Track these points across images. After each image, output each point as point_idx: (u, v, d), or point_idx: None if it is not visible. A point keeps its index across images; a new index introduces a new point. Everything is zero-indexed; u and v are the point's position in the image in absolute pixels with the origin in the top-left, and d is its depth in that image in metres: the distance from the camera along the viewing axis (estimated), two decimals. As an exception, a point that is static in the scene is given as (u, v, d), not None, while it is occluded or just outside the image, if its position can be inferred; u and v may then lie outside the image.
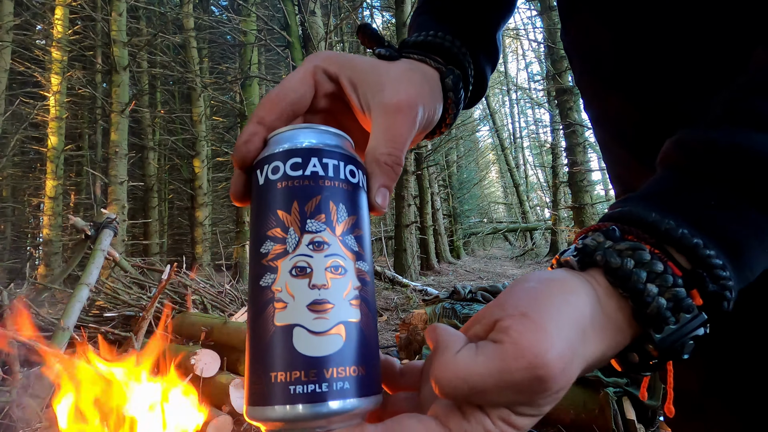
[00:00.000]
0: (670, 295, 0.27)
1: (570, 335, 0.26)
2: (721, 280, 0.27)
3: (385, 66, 0.41)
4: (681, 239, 0.27)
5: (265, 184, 0.31)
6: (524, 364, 0.24)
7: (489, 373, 0.25)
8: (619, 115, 0.49)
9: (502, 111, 25.60)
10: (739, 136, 0.29)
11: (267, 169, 0.32)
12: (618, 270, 0.27)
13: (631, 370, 0.30)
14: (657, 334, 0.27)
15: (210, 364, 2.13)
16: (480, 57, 0.50)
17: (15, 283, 4.10)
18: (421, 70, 0.42)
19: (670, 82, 0.43)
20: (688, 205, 0.29)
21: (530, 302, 0.26)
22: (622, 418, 1.72)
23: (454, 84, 0.43)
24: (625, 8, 0.44)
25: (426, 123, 0.40)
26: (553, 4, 8.71)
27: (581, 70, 0.53)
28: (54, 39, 8.56)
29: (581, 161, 7.77)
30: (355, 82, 0.39)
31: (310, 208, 0.30)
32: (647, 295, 0.27)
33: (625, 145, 0.49)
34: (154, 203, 10.67)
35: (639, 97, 0.46)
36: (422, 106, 0.39)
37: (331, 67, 0.39)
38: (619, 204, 0.32)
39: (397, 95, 0.37)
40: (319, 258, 0.29)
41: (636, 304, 0.27)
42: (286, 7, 6.61)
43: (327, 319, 0.28)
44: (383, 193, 0.35)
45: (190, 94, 9.98)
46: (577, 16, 0.50)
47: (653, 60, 0.43)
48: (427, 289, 5.50)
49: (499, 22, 0.54)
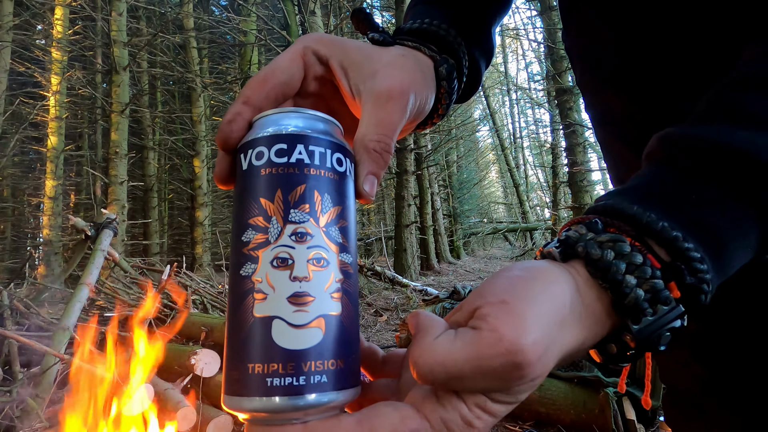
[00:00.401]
0: (648, 287, 0.27)
1: (548, 323, 0.26)
2: (699, 273, 0.27)
3: (377, 51, 0.40)
4: (661, 232, 0.28)
5: (248, 169, 0.30)
6: (501, 350, 0.24)
7: (466, 358, 0.25)
8: (620, 116, 0.49)
9: (502, 111, 25.61)
10: (720, 132, 0.29)
11: (251, 154, 0.31)
12: (598, 261, 0.28)
13: (610, 360, 0.30)
14: (635, 325, 0.27)
15: (210, 364, 2.13)
16: (475, 50, 0.49)
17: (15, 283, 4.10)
18: (415, 57, 0.41)
19: (671, 82, 0.43)
20: (670, 198, 0.29)
21: (510, 290, 0.27)
22: (622, 418, 1.72)
23: (448, 73, 0.42)
24: (626, 8, 0.44)
25: (417, 111, 0.39)
26: (553, 4, 8.70)
27: (582, 71, 0.53)
28: (54, 39, 8.56)
29: (581, 161, 7.76)
30: (346, 66, 0.38)
31: (294, 197, 0.29)
32: (626, 286, 0.27)
33: (626, 145, 0.49)
34: (154, 203, 10.67)
35: (640, 97, 0.46)
36: (414, 93, 0.38)
37: (322, 49, 0.38)
38: (604, 197, 0.32)
39: (388, 81, 0.37)
40: (301, 249, 0.28)
41: (615, 295, 0.27)
42: (286, 7, 6.61)
43: (307, 312, 0.27)
44: (371, 180, 0.34)
45: (190, 94, 9.98)
46: (578, 16, 0.50)
47: (654, 60, 0.43)
48: (427, 289, 5.50)
49: (496, 16, 0.53)
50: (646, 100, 0.45)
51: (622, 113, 0.48)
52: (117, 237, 3.59)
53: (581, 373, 1.90)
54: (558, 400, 1.88)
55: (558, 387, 1.91)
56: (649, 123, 0.45)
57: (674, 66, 0.42)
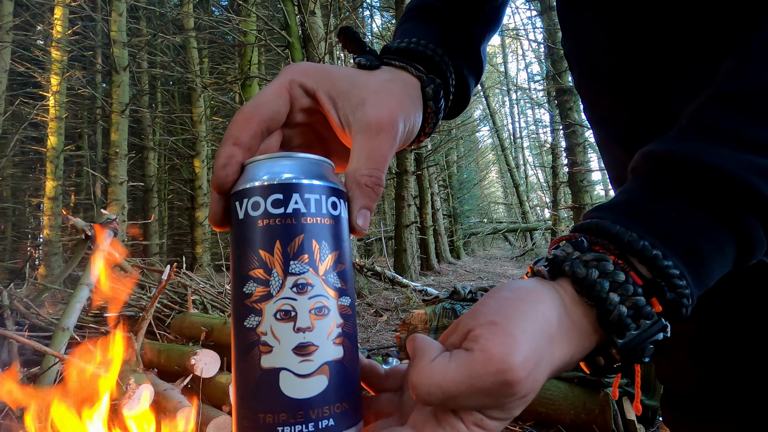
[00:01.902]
0: (631, 303, 0.29)
1: (536, 341, 0.27)
2: (678, 289, 0.29)
3: (364, 77, 0.40)
4: (642, 250, 0.29)
5: (245, 219, 0.31)
6: (492, 369, 0.26)
7: (461, 379, 0.26)
8: (616, 117, 0.49)
9: (502, 111, 25.62)
10: (698, 150, 0.31)
11: (247, 204, 0.31)
12: (583, 280, 0.29)
13: (598, 372, 0.32)
14: (619, 339, 0.29)
15: (210, 364, 2.13)
16: (463, 68, 0.49)
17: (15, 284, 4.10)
18: (402, 79, 0.42)
19: (665, 85, 0.43)
20: (651, 216, 0.31)
21: (499, 311, 0.28)
22: (622, 419, 1.72)
23: (435, 93, 0.43)
24: (623, 12, 0.45)
25: (406, 137, 0.40)
26: (553, 4, 8.71)
27: (580, 74, 0.53)
28: (54, 39, 8.56)
29: (581, 161, 7.76)
30: (334, 97, 0.38)
31: (293, 248, 0.29)
32: (609, 303, 0.29)
33: (623, 146, 0.49)
34: (154, 203, 10.67)
35: (635, 100, 0.46)
36: (403, 119, 0.38)
37: (309, 82, 0.38)
38: (591, 213, 0.34)
39: (377, 111, 0.37)
40: (303, 300, 0.29)
41: (600, 312, 0.29)
42: (286, 8, 6.60)
43: (312, 362, 0.28)
44: (364, 215, 0.35)
45: (190, 95, 9.98)
46: (577, 20, 0.51)
47: (647, 61, 0.44)
48: (427, 289, 5.50)
49: (484, 34, 0.53)
50: (641, 103, 0.46)
51: (619, 114, 0.49)
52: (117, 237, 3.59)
53: (581, 373, 1.90)
54: (558, 400, 1.88)
55: (558, 387, 1.91)
56: (644, 124, 0.45)
57: (669, 69, 0.43)
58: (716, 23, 0.39)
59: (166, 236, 11.76)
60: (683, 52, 0.41)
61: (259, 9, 7.91)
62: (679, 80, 0.42)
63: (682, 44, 0.41)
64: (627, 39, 0.45)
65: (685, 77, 0.42)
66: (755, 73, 0.32)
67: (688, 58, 0.41)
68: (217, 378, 2.12)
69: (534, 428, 1.88)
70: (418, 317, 2.91)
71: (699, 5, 0.40)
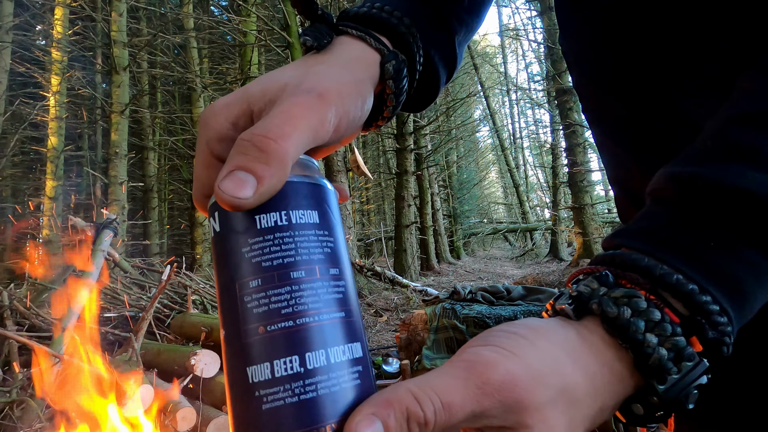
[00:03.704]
0: (671, 345, 0.26)
1: (553, 364, 0.26)
2: (720, 326, 0.26)
3: (290, 81, 0.31)
4: (676, 285, 0.27)
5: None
6: (496, 378, 0.24)
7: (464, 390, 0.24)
8: (615, 117, 0.49)
9: (502, 111, 25.63)
10: (734, 174, 0.28)
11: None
12: (615, 320, 0.27)
13: (635, 421, 0.29)
14: (660, 386, 0.26)
15: (210, 365, 2.13)
16: (432, 50, 0.41)
17: (15, 284, 4.10)
18: (350, 54, 0.35)
19: (666, 85, 0.43)
20: (683, 245, 0.28)
21: (506, 340, 0.26)
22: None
23: (396, 71, 0.36)
24: (625, 11, 0.45)
25: (343, 124, 0.32)
26: (552, 5, 8.69)
27: (579, 73, 0.53)
28: (54, 39, 8.56)
29: (581, 162, 7.77)
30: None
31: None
32: (647, 346, 0.26)
33: (622, 145, 0.49)
34: (154, 203, 10.67)
35: (635, 99, 0.46)
36: (334, 107, 0.30)
37: (219, 147, 0.31)
38: (613, 241, 0.31)
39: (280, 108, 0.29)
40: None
41: (636, 355, 0.26)
42: (285, 8, 6.61)
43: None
44: (232, 177, 0.25)
45: (190, 95, 9.99)
46: (575, 18, 0.51)
47: (649, 59, 0.44)
48: (427, 289, 5.50)
49: (461, 24, 0.46)
50: (642, 102, 0.45)
51: (618, 115, 0.49)
52: (117, 237, 3.60)
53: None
54: (558, 400, 1.88)
55: (558, 387, 1.91)
56: (643, 123, 0.46)
57: (669, 69, 0.43)
58: (727, 23, 0.39)
59: (166, 236, 11.76)
60: (690, 51, 0.41)
61: (259, 9, 7.91)
62: (686, 80, 0.42)
63: (690, 44, 0.41)
64: (628, 38, 0.45)
65: (691, 77, 0.41)
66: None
67: (696, 57, 0.41)
68: (217, 378, 2.12)
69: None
70: (418, 317, 2.91)
71: (709, 5, 0.39)
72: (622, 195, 0.52)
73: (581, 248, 7.60)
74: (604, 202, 11.43)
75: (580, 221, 7.68)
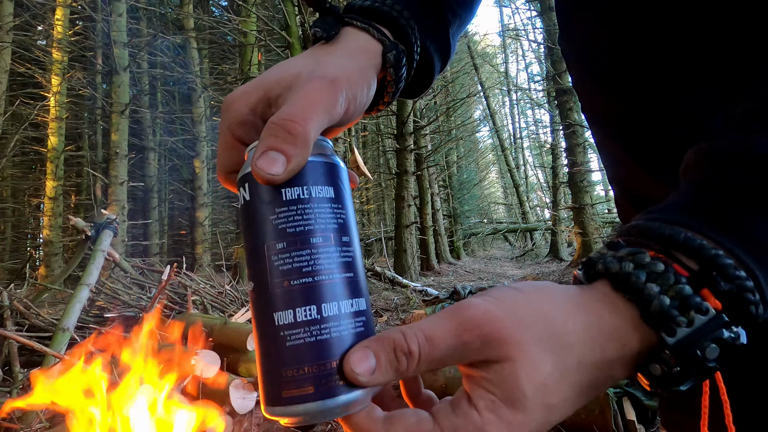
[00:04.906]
0: (674, 293, 0.26)
1: (540, 315, 0.27)
2: (737, 280, 0.25)
3: (298, 67, 0.35)
4: (685, 242, 0.26)
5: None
6: (478, 318, 0.27)
7: (447, 327, 0.27)
8: (615, 116, 0.49)
9: (502, 111, 25.65)
10: (753, 142, 0.28)
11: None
12: (618, 274, 0.27)
13: (657, 383, 0.28)
14: (670, 338, 0.26)
15: (210, 365, 2.13)
16: (427, 41, 0.45)
17: (15, 284, 4.10)
18: (354, 47, 0.39)
19: (666, 83, 0.43)
20: (698, 206, 0.28)
21: (498, 293, 0.29)
22: (622, 419, 1.72)
23: (396, 60, 0.39)
24: (625, 9, 0.45)
25: (351, 107, 0.35)
26: (552, 5, 8.70)
27: (579, 72, 0.53)
28: (54, 40, 8.57)
29: (581, 162, 7.77)
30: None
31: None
32: (648, 293, 0.26)
33: (620, 144, 0.49)
34: (154, 203, 10.68)
35: (634, 98, 0.46)
36: (344, 90, 0.34)
37: (241, 130, 0.35)
38: (636, 217, 0.31)
39: (299, 94, 0.33)
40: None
41: (639, 305, 0.27)
42: (286, 8, 6.61)
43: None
44: (267, 156, 0.29)
45: (191, 95, 9.99)
46: (576, 18, 0.51)
47: (648, 58, 0.44)
48: (427, 289, 5.50)
49: (455, 16, 0.49)
50: (640, 100, 0.45)
51: (617, 112, 0.49)
52: (117, 237, 3.60)
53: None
54: (558, 400, 1.88)
55: (558, 387, 1.91)
56: (643, 122, 0.46)
57: (669, 68, 0.43)
58: (726, 21, 0.39)
59: (166, 236, 11.76)
60: (690, 50, 0.41)
61: (259, 9, 7.92)
62: (685, 79, 0.42)
63: (689, 42, 0.41)
64: (628, 38, 0.45)
65: (691, 76, 0.41)
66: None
67: (695, 56, 0.41)
68: (217, 378, 2.12)
69: (534, 428, 1.88)
70: (418, 318, 2.91)
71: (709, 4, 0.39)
72: (622, 195, 0.52)
73: (581, 248, 7.60)
74: (604, 202, 11.43)
75: (580, 221, 7.67)
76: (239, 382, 2.10)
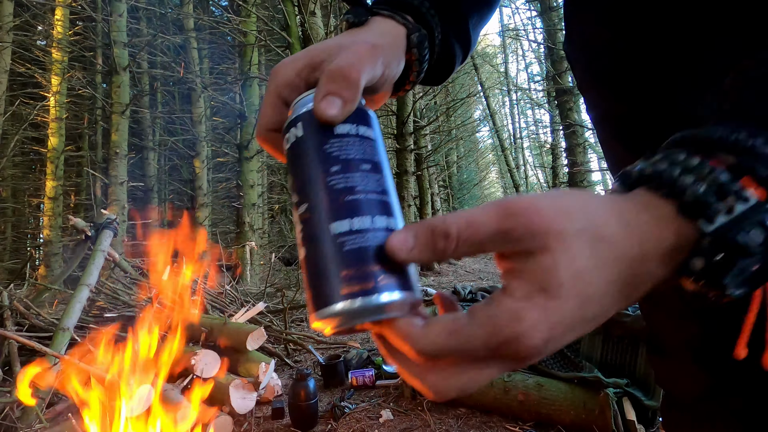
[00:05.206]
0: (710, 181, 0.25)
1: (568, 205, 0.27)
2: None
3: (339, 41, 0.41)
4: (721, 139, 0.26)
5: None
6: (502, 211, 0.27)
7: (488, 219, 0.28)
8: (615, 115, 0.49)
9: (502, 111, 25.62)
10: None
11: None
12: (652, 174, 0.27)
13: (701, 278, 0.26)
14: (709, 225, 0.25)
15: (210, 365, 2.13)
16: (449, 31, 0.50)
17: (15, 284, 4.10)
18: (385, 30, 0.44)
19: (668, 83, 0.43)
20: (737, 111, 0.28)
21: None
22: (622, 419, 1.72)
23: (419, 41, 0.44)
24: (628, 10, 0.45)
25: (385, 77, 0.40)
26: (553, 5, 8.71)
27: (582, 74, 0.53)
28: (54, 40, 8.57)
29: (581, 162, 7.77)
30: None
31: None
32: (681, 183, 0.26)
33: (623, 144, 0.49)
34: (154, 204, 10.67)
35: (638, 98, 0.46)
36: (382, 55, 0.39)
37: (286, 91, 0.39)
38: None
39: (347, 54, 0.38)
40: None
41: (675, 197, 0.26)
42: (286, 8, 6.60)
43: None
44: (329, 100, 0.34)
45: (191, 95, 9.99)
46: (581, 19, 0.51)
47: (648, 58, 0.44)
48: (427, 289, 5.49)
49: (475, 9, 0.53)
50: (641, 100, 0.46)
51: (617, 113, 0.49)
52: (117, 237, 3.60)
53: (581, 373, 1.90)
54: (558, 400, 1.88)
55: (558, 387, 1.91)
56: (648, 121, 0.45)
57: (669, 67, 0.43)
58: (726, 19, 0.39)
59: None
60: (690, 49, 0.41)
61: (259, 9, 7.92)
62: (686, 77, 0.42)
63: (689, 41, 0.41)
64: (629, 38, 0.45)
65: (692, 75, 0.41)
66: None
67: (696, 54, 0.41)
68: (217, 378, 2.12)
69: (534, 428, 1.88)
70: (418, 317, 2.91)
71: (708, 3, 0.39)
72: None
73: (581, 248, 7.59)
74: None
75: (581, 221, 7.66)
76: (239, 382, 2.10)
